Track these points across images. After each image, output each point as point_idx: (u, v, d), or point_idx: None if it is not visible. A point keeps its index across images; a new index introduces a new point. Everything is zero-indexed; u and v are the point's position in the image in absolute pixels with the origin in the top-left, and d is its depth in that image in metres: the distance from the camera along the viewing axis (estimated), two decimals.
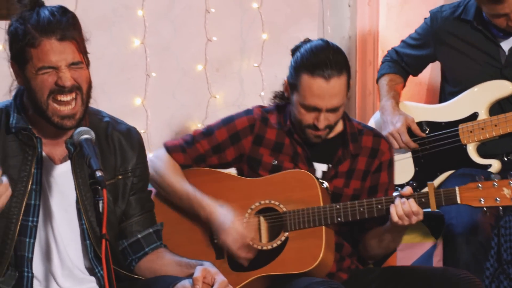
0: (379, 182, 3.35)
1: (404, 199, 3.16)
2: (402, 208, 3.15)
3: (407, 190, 3.21)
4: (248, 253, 3.22)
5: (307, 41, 3.31)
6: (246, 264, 3.23)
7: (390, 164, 3.38)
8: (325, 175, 3.33)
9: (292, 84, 3.26)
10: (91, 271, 2.93)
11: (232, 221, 3.21)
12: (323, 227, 3.20)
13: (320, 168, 3.34)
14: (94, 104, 3.01)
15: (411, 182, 4.03)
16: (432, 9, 4.19)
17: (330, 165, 3.32)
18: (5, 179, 2.63)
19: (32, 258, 2.85)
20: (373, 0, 4.75)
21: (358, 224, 3.31)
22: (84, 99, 2.82)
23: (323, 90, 3.18)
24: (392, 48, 4.29)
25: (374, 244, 3.31)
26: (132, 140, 2.99)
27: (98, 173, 2.60)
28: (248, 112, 3.39)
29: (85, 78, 2.81)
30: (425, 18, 4.21)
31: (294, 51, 3.30)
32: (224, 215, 3.23)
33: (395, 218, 3.15)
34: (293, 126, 3.31)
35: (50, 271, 2.89)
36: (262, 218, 3.29)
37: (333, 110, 3.21)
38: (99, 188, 2.59)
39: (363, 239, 3.34)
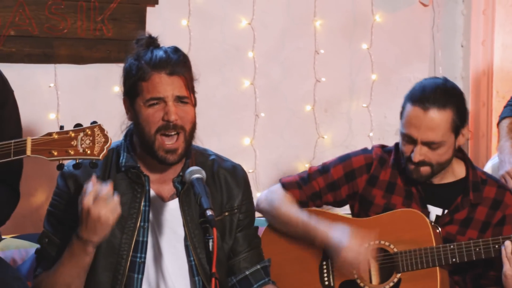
0: (502, 236, 3.17)
1: None
2: None
3: None
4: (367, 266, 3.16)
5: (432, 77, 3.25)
6: (367, 278, 3.17)
7: None
8: (438, 219, 3.23)
9: (400, 115, 3.21)
10: None
11: (350, 238, 3.15)
12: (437, 268, 3.13)
13: (435, 211, 3.25)
14: (204, 143, 3.06)
15: None
16: None
17: (446, 211, 3.23)
18: (116, 197, 2.72)
19: None
20: (487, 40, 4.63)
21: (474, 278, 3.22)
22: (187, 137, 2.88)
23: (419, 119, 3.11)
24: None
25: None
26: (237, 177, 3.03)
27: (209, 212, 2.64)
28: (366, 151, 3.35)
29: (190, 117, 2.88)
30: None
31: None
32: (340, 234, 3.17)
33: (504, 259, 3.03)
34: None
35: None
36: (372, 259, 3.22)
37: (429, 144, 3.12)
38: (209, 226, 2.62)
39: None
